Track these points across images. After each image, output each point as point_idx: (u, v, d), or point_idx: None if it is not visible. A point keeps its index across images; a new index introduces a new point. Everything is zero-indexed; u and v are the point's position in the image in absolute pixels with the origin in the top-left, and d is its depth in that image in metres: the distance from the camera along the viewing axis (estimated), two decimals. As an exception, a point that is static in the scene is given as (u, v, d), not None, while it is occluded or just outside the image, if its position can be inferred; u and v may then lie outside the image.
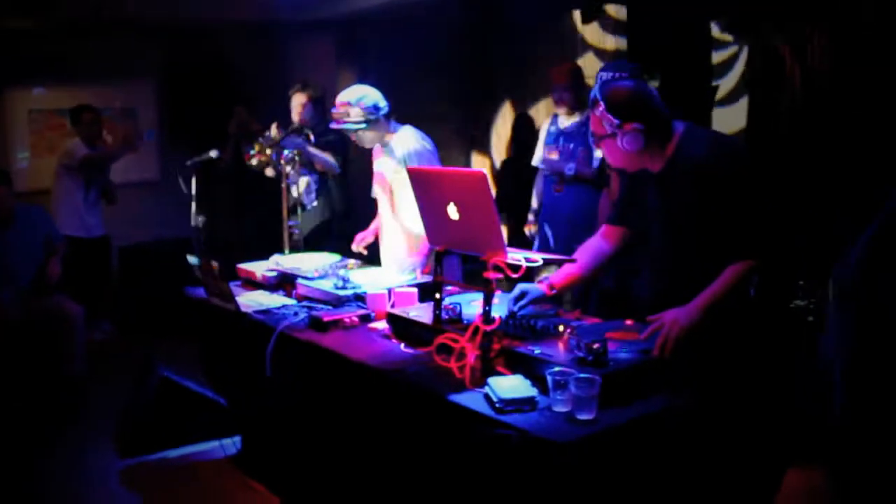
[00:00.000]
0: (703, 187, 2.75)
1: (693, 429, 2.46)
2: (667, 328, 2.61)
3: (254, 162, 5.53)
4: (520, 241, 7.16)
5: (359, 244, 4.55)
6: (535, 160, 5.65)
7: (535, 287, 3.13)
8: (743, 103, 5.59)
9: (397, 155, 4.18)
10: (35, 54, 7.13)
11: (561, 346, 2.70)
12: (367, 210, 4.84)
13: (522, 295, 3.10)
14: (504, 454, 2.30)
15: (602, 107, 2.82)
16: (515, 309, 3.09)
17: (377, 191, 4.46)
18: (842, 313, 2.33)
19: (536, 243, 5.63)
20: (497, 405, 2.41)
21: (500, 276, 2.69)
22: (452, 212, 2.79)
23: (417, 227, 3.57)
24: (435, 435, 2.65)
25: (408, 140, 4.19)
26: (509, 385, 2.48)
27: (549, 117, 5.62)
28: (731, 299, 2.69)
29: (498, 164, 8.17)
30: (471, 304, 3.22)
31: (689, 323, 2.62)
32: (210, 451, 4.56)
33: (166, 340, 5.84)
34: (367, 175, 4.62)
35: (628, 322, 2.91)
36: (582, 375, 2.34)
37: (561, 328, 2.85)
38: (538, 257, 2.72)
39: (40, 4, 6.55)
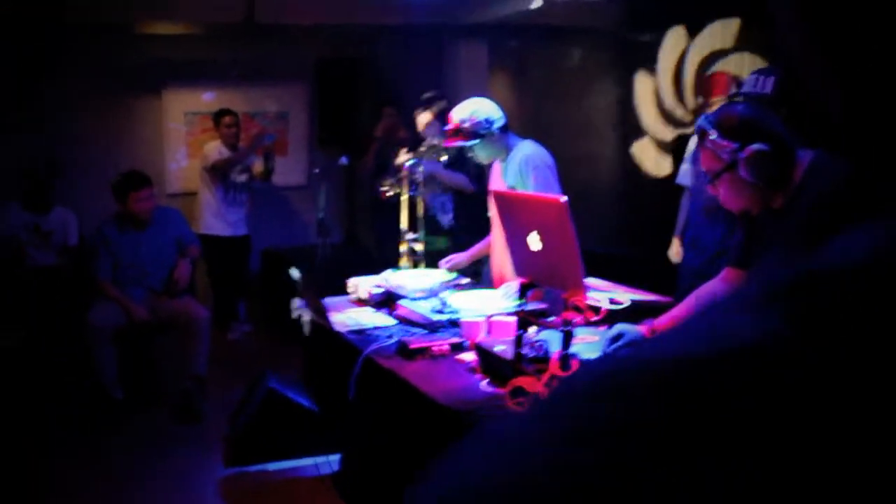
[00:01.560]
0: (829, 227, 2.33)
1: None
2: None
3: (389, 194, 5.34)
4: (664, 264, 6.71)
5: (447, 265, 4.30)
6: (680, 177, 5.19)
7: (634, 329, 2.78)
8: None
9: (512, 169, 3.91)
10: (192, 58, 7.32)
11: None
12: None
13: (619, 337, 2.77)
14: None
15: (714, 134, 2.44)
16: (610, 352, 2.76)
17: (493, 210, 4.20)
18: None
19: (679, 271, 5.17)
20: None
21: (580, 317, 2.37)
22: (535, 241, 2.50)
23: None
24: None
25: (526, 155, 3.90)
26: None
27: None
28: None
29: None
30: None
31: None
32: (309, 468, 4.44)
33: (288, 348, 5.80)
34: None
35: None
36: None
37: (654, 380, 2.49)
38: (626, 298, 2.39)
39: (195, 9, 6.72)
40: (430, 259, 4.85)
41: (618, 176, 8.47)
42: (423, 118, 5.59)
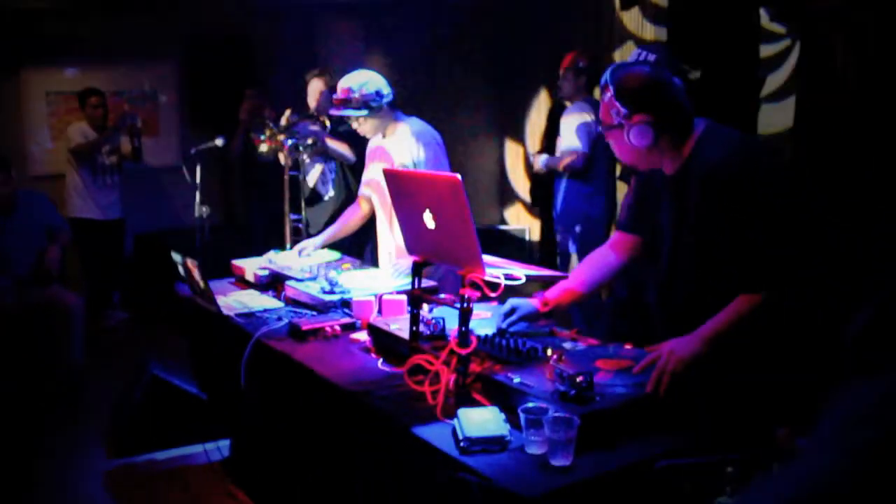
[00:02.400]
0: (718, 197, 2.42)
1: (689, 479, 2.14)
2: (663, 361, 2.29)
3: (263, 148, 5.23)
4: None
5: (301, 254, 4.19)
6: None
7: (527, 302, 2.83)
8: (792, 101, 5.14)
9: (402, 146, 3.89)
10: (54, 35, 6.97)
11: (547, 373, 2.39)
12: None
13: (512, 311, 2.81)
14: (464, 501, 2.01)
15: (611, 92, 2.48)
16: (504, 326, 2.80)
17: (369, 187, 4.16)
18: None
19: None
20: (462, 444, 2.12)
21: (478, 293, 2.39)
22: (429, 219, 2.50)
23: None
24: (399, 468, 2.37)
25: (416, 131, 3.89)
26: (479, 419, 2.19)
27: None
28: (740, 333, 2.35)
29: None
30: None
31: (689, 356, 2.29)
32: (199, 455, 4.34)
33: (170, 334, 5.64)
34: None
35: (628, 346, 2.59)
36: (557, 414, 2.04)
37: (549, 352, 2.54)
38: (521, 273, 2.42)
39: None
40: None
41: (497, 150, 8.58)
42: (315, 86, 5.51)
